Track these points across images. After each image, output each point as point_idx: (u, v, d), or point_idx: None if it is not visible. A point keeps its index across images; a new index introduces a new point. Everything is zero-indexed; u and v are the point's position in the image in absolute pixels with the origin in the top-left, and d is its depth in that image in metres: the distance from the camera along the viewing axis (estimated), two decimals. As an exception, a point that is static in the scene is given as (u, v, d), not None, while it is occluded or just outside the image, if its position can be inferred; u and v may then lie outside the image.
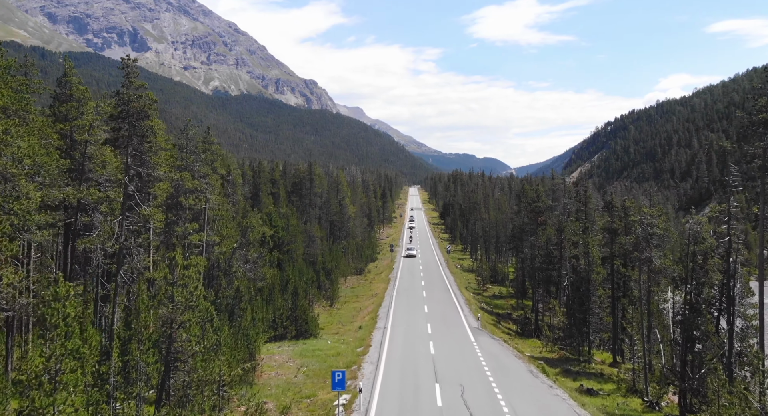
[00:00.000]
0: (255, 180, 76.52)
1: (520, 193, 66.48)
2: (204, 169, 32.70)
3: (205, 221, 33.71)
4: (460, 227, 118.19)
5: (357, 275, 71.60)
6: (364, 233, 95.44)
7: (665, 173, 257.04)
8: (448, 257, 79.98)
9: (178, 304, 23.45)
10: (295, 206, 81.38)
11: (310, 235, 65.31)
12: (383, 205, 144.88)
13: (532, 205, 55.10)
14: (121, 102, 24.82)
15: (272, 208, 60.02)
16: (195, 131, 33.04)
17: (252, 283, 37.97)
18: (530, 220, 56.76)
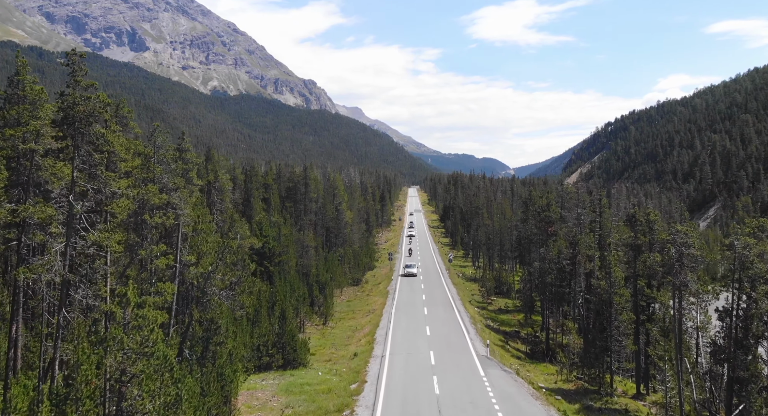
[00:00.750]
0: (246, 186, 72.23)
1: (527, 200, 62.30)
2: (175, 181, 28.42)
3: (178, 239, 29.46)
4: (461, 232, 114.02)
5: (354, 287, 67.40)
6: (362, 239, 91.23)
7: (667, 175, 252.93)
8: (450, 266, 75.87)
9: (129, 352, 19.22)
10: (289, 213, 77.15)
11: (303, 245, 61.06)
12: (382, 208, 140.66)
13: (541, 214, 50.90)
14: (66, 105, 20.62)
15: (263, 216, 55.86)
16: (164, 138, 28.68)
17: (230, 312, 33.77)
18: (539, 230, 52.57)
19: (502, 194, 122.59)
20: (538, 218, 51.85)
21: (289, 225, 66.06)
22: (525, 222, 62.35)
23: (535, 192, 62.17)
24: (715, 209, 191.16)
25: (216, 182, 57.50)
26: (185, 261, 30.11)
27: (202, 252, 32.31)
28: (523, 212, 65.10)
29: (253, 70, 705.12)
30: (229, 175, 75.42)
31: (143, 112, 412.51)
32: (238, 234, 47.09)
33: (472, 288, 68.95)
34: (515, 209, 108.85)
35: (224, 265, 27.62)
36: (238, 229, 47.43)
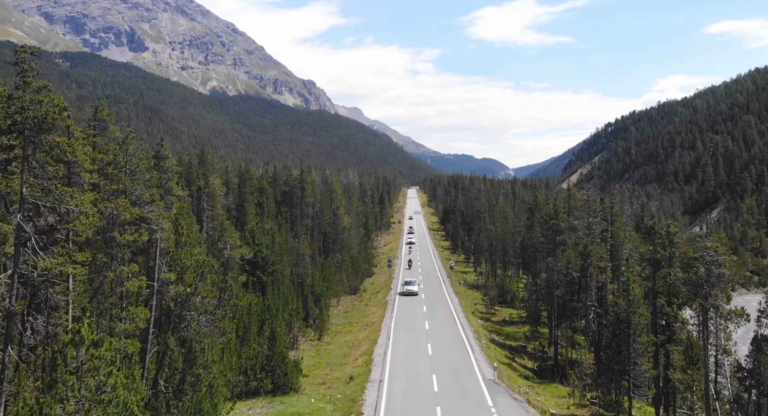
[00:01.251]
0: (240, 190, 69.39)
1: (532, 206, 59.41)
2: (152, 192, 25.54)
3: (156, 255, 26.62)
4: (462, 236, 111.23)
5: (352, 295, 64.55)
6: (361, 244, 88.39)
7: (669, 176, 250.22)
8: (451, 273, 73.04)
9: (82, 400, 16.43)
10: (284, 218, 74.28)
11: (298, 253, 58.18)
12: (381, 211, 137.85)
13: (548, 222, 48.05)
14: (13, 110, 17.80)
15: (255, 223, 53.01)
16: (136, 145, 25.76)
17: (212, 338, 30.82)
18: (546, 239, 49.74)
19: (504, 197, 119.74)
20: (545, 226, 49.00)
21: (284, 232, 63.21)
22: (530, 229, 59.46)
23: (540, 198, 59.23)
24: (718, 211, 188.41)
25: (207, 187, 54.69)
26: (165, 279, 27.25)
27: (185, 267, 29.45)
28: (528, 218, 62.22)
29: (252, 71, 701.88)
30: (222, 178, 72.64)
31: (141, 112, 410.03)
32: (227, 244, 44.23)
33: (474, 297, 66.15)
34: (517, 212, 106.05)
35: (204, 286, 24.74)
36: (228, 238, 44.57)
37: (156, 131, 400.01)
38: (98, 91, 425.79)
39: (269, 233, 54.64)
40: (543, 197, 61.74)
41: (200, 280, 24.69)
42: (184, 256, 30.47)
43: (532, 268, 55.45)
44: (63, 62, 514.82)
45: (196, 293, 24.09)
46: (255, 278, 51.77)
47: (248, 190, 70.19)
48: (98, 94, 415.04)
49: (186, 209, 39.17)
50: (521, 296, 68.05)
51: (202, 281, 24.66)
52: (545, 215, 50.36)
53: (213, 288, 25.96)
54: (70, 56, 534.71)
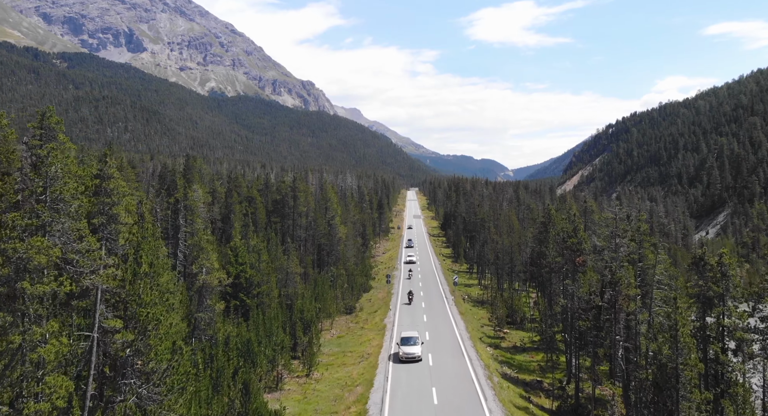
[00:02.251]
0: (227, 200, 63.73)
1: (546, 220, 53.63)
2: (78, 226, 19.80)
3: (97, 302, 21.03)
4: (464, 243, 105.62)
5: (347, 315, 58.88)
6: (358, 254, 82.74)
7: (672, 178, 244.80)
8: (455, 289, 67.40)
9: None
10: (275, 229, 68.63)
11: (287, 272, 52.47)
12: (380, 216, 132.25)
13: (566, 242, 42.39)
14: None
15: (239, 240, 47.35)
16: (60, 165, 19.85)
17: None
18: (564, 258, 44.09)
19: (508, 203, 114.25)
20: (563, 245, 43.35)
21: (273, 246, 57.51)
22: (542, 244, 53.82)
23: (554, 211, 53.20)
24: (724, 215, 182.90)
25: (185, 200, 49.08)
26: (108, 327, 21.55)
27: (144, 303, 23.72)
28: (541, 232, 56.52)
29: (251, 71, 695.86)
30: (208, 187, 67.00)
31: (139, 113, 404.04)
32: (203, 267, 38.55)
33: (480, 316, 60.52)
34: (522, 218, 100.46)
35: (146, 347, 19.08)
36: (204, 261, 38.88)
37: (153, 132, 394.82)
38: (95, 92, 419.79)
39: (255, 251, 48.95)
40: (554, 207, 55.99)
41: (141, 337, 19.04)
42: (143, 291, 24.88)
43: (546, 289, 49.82)
44: (60, 63, 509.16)
45: (135, 356, 18.44)
46: (238, 302, 46.12)
47: (235, 200, 64.53)
48: (95, 95, 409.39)
49: (150, 232, 33.54)
50: (531, 315, 62.49)
51: (143, 340, 19.01)
52: (562, 232, 44.69)
53: (157, 351, 20.19)
54: (68, 57, 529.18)
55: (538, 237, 58.10)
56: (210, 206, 62.12)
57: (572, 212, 60.90)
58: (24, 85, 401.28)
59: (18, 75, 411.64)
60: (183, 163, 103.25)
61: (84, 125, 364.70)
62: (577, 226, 42.31)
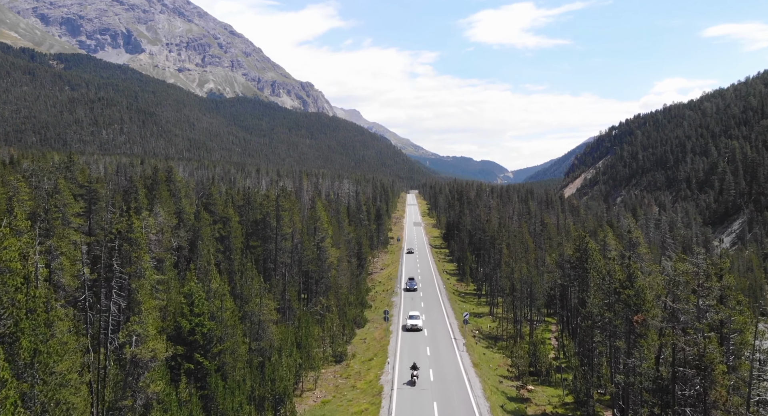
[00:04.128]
0: (195, 223, 52.98)
1: (582, 254, 42.59)
2: None
3: None
4: (470, 260, 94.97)
5: (336, 366, 48.15)
6: (352, 278, 72.08)
7: (680, 183, 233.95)
8: (465, 329, 56.63)
9: None
10: (254, 255, 57.98)
11: (258, 321, 41.65)
12: (378, 228, 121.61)
13: (620, 294, 31.68)
14: None
15: (194, 283, 36.62)
16: None
17: None
18: (614, 313, 33.40)
19: (518, 216, 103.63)
20: (613, 295, 32.68)
21: (249, 277, 46.73)
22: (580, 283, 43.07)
23: (594, 250, 41.28)
24: (740, 222, 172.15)
25: (130, 231, 38.46)
26: None
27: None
28: (574, 267, 45.59)
29: (250, 73, 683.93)
30: (176, 207, 56.32)
31: (135, 115, 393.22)
32: (133, 335, 27.86)
33: (496, 363, 49.90)
34: (535, 234, 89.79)
35: None
36: (135, 325, 28.10)
37: (149, 134, 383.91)
38: (91, 93, 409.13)
39: (218, 296, 38.22)
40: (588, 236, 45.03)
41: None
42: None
43: (584, 340, 39.05)
44: (57, 64, 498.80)
45: None
46: (192, 366, 35.44)
47: (206, 222, 53.79)
48: (91, 97, 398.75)
49: (42, 299, 22.94)
50: (556, 360, 51.81)
51: None
52: (608, 277, 34.00)
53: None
54: (65, 58, 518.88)
55: (569, 274, 47.49)
56: (175, 230, 51.48)
57: (606, 238, 50.20)
58: (19, 86, 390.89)
59: (13, 76, 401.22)
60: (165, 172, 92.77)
61: (79, 126, 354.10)
62: (632, 273, 31.59)
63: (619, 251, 49.93)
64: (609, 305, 33.55)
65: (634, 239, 39.99)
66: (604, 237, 49.12)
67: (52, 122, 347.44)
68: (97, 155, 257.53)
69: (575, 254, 42.53)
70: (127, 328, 28.41)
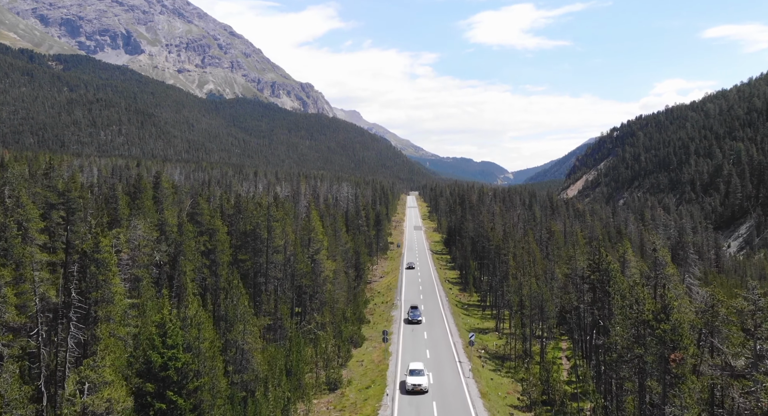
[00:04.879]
0: (178, 237, 48.60)
1: (603, 277, 38.01)
2: None
3: None
4: (473, 269, 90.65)
5: (329, 395, 43.75)
6: (349, 291, 67.73)
7: (684, 185, 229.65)
8: (471, 350, 52.25)
9: None
10: (242, 270, 53.68)
11: (241, 350, 37.22)
12: (377, 233, 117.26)
13: (654, 327, 27.32)
14: None
15: (167, 312, 32.30)
16: None
17: None
18: (645, 349, 29.01)
19: (523, 223, 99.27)
20: (644, 328, 28.34)
21: (236, 296, 42.40)
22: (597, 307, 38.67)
23: (615, 265, 36.86)
24: (747, 226, 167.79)
25: (97, 251, 34.25)
26: None
27: None
28: (591, 288, 41.10)
29: (250, 74, 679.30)
30: (157, 218, 51.99)
31: (133, 116, 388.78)
32: (85, 380, 23.51)
33: (505, 389, 45.52)
34: (541, 241, 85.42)
35: None
36: (87, 371, 23.70)
37: (148, 135, 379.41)
38: (89, 94, 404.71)
39: (195, 325, 33.87)
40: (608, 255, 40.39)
41: None
42: None
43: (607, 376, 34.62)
44: (56, 65, 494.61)
45: None
46: (164, 405, 31.08)
47: (190, 234, 49.43)
48: (89, 98, 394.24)
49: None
50: (571, 385, 47.44)
51: None
52: (637, 305, 29.63)
53: None
54: (64, 59, 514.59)
55: (583, 290, 43.12)
56: (155, 245, 47.11)
57: (626, 254, 45.81)
58: (17, 87, 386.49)
59: (11, 77, 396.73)
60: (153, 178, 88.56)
61: (77, 128, 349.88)
62: (668, 304, 27.21)
63: (639, 269, 45.58)
64: (638, 337, 29.16)
65: (660, 258, 35.60)
66: (623, 254, 44.75)
67: (50, 124, 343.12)
68: (94, 156, 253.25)
69: (593, 274, 38.13)
70: (78, 373, 24.02)
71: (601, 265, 37.85)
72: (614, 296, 34.29)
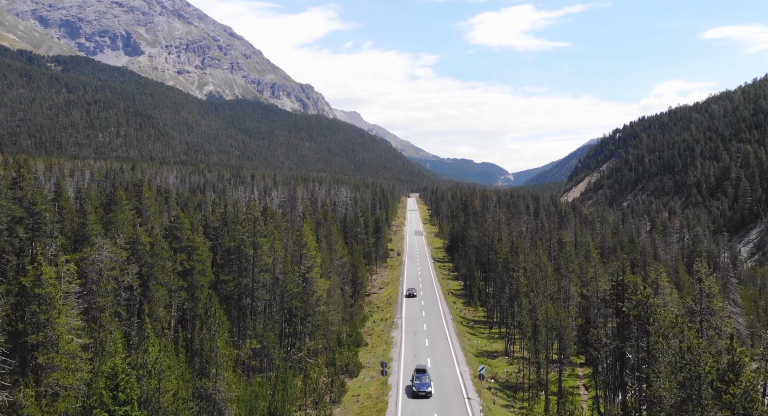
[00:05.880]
0: (148, 258, 42.80)
1: (639, 307, 31.92)
2: None
3: None
4: (478, 281, 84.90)
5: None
6: (345, 310, 61.96)
7: (690, 188, 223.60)
8: (481, 383, 46.52)
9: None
10: (227, 291, 47.98)
11: (213, 399, 31.36)
12: (377, 241, 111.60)
13: (721, 389, 21.58)
14: None
15: (119, 360, 26.51)
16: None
17: None
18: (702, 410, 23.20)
19: (531, 233, 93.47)
20: (706, 388, 22.63)
21: (215, 323, 36.68)
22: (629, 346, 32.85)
23: (660, 312, 29.80)
24: (757, 231, 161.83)
25: (38, 284, 28.55)
26: None
27: None
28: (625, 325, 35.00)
29: (250, 75, 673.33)
30: (130, 235, 46.28)
31: (132, 118, 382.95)
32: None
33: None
34: (551, 252, 79.68)
35: None
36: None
37: (146, 137, 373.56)
38: (88, 96, 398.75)
39: (154, 375, 28.06)
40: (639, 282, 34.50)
41: None
42: None
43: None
44: (55, 66, 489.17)
45: None
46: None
47: (164, 254, 43.68)
48: (87, 99, 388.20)
49: None
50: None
51: None
52: (691, 354, 23.89)
53: None
54: (63, 60, 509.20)
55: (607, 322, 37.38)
56: (123, 266, 41.35)
57: (659, 280, 39.93)
58: (15, 89, 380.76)
59: (9, 79, 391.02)
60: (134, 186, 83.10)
61: (74, 129, 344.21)
62: (738, 361, 21.45)
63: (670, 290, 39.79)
64: (691, 396, 23.37)
65: (706, 289, 29.90)
66: (656, 278, 38.91)
67: (48, 125, 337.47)
68: (89, 159, 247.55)
69: (625, 304, 32.29)
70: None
71: (635, 295, 32.08)
72: (658, 340, 28.53)
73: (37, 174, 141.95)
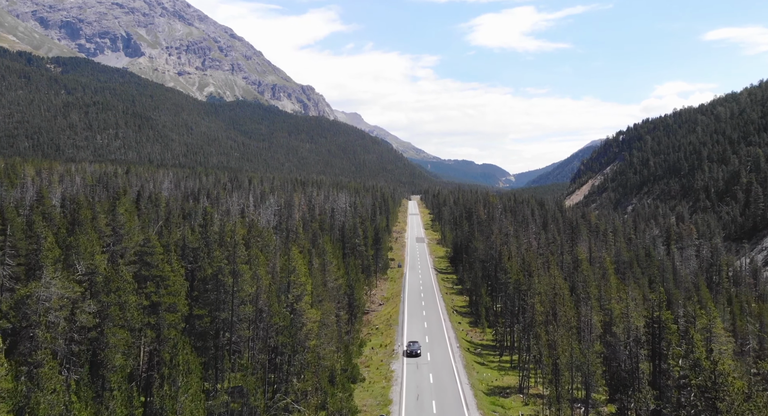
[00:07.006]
0: (102, 298, 36.13)
1: (694, 369, 25.57)
2: None
3: None
4: (485, 298, 78.20)
5: None
6: (339, 340, 55.26)
7: (698, 192, 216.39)
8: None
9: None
10: (202, 327, 41.40)
11: None
12: (377, 252, 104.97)
13: None
14: None
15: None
16: None
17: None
18: None
19: (544, 246, 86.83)
20: None
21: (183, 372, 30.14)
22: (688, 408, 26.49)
23: (731, 382, 24.24)
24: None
25: None
26: None
27: None
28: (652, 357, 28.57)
29: (250, 76, 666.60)
30: (89, 265, 39.68)
31: (131, 119, 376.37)
32: None
33: None
34: (565, 270, 73.00)
35: None
36: None
37: (145, 139, 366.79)
38: (87, 97, 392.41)
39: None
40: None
41: None
42: None
43: None
44: (54, 67, 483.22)
45: None
46: None
47: (127, 287, 37.04)
48: (86, 101, 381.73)
49: None
50: None
51: None
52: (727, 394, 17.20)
53: None
54: (62, 61, 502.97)
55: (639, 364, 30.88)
56: (75, 304, 34.73)
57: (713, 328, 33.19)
58: (14, 90, 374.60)
59: (8, 80, 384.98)
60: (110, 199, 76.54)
61: (72, 131, 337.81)
62: None
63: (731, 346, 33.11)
64: None
65: None
66: (708, 325, 32.21)
67: (46, 127, 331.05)
68: (84, 162, 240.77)
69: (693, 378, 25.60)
70: None
71: (690, 353, 25.47)
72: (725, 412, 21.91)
73: (25, 180, 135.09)
